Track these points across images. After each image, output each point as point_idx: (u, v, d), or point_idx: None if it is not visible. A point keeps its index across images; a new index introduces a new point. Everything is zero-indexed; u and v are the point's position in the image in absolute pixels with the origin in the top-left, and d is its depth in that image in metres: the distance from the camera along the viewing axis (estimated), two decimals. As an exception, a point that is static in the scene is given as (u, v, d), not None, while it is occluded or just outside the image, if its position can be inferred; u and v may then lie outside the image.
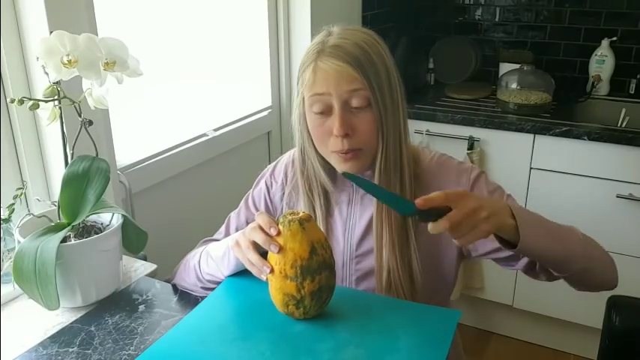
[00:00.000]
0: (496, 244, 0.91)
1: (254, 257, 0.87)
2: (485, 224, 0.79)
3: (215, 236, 1.15)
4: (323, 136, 0.96)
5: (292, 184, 1.09)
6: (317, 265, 0.82)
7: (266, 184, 1.13)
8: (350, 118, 0.94)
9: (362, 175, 1.01)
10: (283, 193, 1.10)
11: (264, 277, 0.86)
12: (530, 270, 0.97)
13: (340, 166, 0.98)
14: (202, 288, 1.04)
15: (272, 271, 0.84)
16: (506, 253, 0.95)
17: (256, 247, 0.87)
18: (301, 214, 0.84)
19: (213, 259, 1.00)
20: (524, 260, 0.96)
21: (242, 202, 1.16)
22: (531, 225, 0.86)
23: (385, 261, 0.99)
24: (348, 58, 0.91)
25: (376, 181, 0.98)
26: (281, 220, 0.84)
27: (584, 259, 0.92)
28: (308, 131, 0.99)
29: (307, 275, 0.81)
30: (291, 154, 1.13)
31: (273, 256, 0.84)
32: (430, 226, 0.78)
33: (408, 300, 0.99)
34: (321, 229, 1.02)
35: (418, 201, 0.77)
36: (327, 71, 0.92)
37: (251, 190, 1.15)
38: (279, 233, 0.84)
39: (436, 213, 0.78)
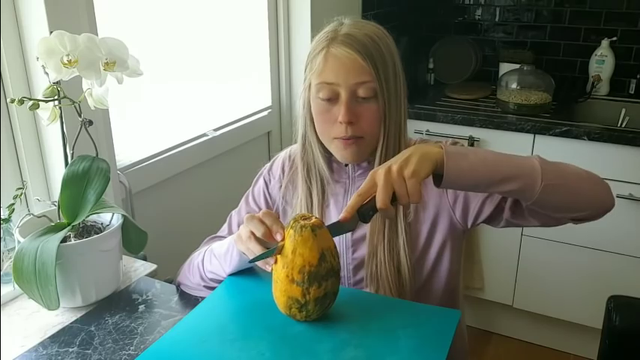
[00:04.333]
0: (478, 205, 0.97)
1: (256, 247, 0.87)
2: (407, 169, 0.79)
3: (218, 234, 1.16)
4: (327, 122, 0.98)
5: (288, 177, 1.11)
6: (325, 272, 0.81)
7: (264, 180, 1.15)
8: (355, 107, 0.96)
9: (359, 166, 1.04)
10: (280, 187, 1.12)
11: (269, 268, 0.86)
12: (517, 213, 0.94)
13: (341, 153, 1.00)
14: (205, 287, 1.04)
15: (276, 261, 0.83)
16: (493, 204, 0.96)
17: (257, 237, 0.87)
18: (314, 219, 0.82)
19: (216, 257, 1.01)
20: (509, 202, 0.94)
21: (242, 200, 1.17)
22: (460, 150, 0.84)
23: (374, 248, 1.01)
24: (359, 48, 0.94)
25: None
26: (292, 223, 0.82)
27: (545, 174, 0.84)
28: (311, 118, 1.02)
29: (314, 281, 0.81)
30: (287, 151, 1.15)
31: (281, 258, 0.83)
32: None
33: (394, 294, 1.00)
34: (318, 216, 1.05)
35: (341, 217, 0.81)
36: (338, 58, 0.94)
37: (250, 187, 1.18)
38: (283, 239, 0.83)
39: (371, 207, 0.81)
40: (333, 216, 1.07)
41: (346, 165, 1.05)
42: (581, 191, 0.90)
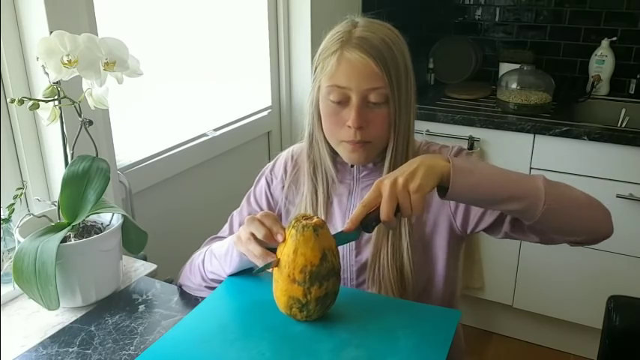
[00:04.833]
0: (478, 214, 0.97)
1: (256, 249, 0.86)
2: (413, 184, 0.80)
3: (219, 234, 1.16)
4: (336, 124, 0.98)
5: (291, 177, 1.11)
6: (326, 271, 0.81)
7: (266, 180, 1.15)
8: (366, 112, 0.95)
9: (365, 167, 1.04)
10: (283, 187, 1.12)
11: (269, 269, 0.86)
12: (516, 227, 0.95)
13: (348, 155, 1.00)
14: (207, 287, 1.04)
15: (277, 263, 0.83)
16: (493, 215, 0.96)
17: (258, 238, 0.87)
18: (315, 219, 0.82)
19: (216, 258, 1.01)
20: (509, 217, 0.95)
21: (244, 200, 1.17)
22: (467, 166, 0.84)
23: (378, 251, 1.01)
24: (373, 53, 0.92)
25: (386, 173, 0.98)
26: (293, 223, 0.82)
27: (548, 197, 0.86)
28: (319, 117, 1.01)
29: (315, 281, 0.81)
30: (289, 151, 1.15)
31: (282, 258, 0.83)
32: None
33: (396, 296, 1.00)
34: (323, 214, 1.05)
35: (345, 227, 0.82)
36: (352, 62, 0.93)
37: (252, 187, 1.17)
38: (284, 240, 0.83)
39: (375, 218, 0.82)
40: (337, 215, 1.07)
41: (352, 166, 1.05)
42: (581, 217, 0.91)
